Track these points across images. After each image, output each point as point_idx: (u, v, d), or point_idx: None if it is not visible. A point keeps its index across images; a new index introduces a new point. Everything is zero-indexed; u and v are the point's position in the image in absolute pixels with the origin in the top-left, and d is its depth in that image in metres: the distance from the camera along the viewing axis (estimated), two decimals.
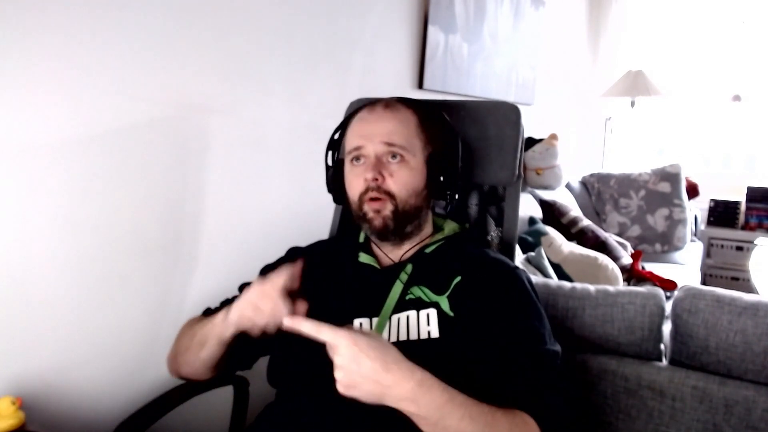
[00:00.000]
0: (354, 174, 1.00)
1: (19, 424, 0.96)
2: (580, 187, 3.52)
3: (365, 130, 0.99)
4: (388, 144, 0.97)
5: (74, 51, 1.07)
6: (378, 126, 0.98)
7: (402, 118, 1.00)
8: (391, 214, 0.97)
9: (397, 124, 0.98)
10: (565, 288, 1.32)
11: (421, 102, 1.07)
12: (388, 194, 0.97)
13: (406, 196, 0.98)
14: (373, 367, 0.73)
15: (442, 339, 0.91)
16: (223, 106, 1.41)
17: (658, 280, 2.52)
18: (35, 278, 1.06)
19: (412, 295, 0.96)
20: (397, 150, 0.97)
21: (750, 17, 3.84)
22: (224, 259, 1.46)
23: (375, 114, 1.00)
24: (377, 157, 0.97)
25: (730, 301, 1.18)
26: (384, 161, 0.97)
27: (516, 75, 3.09)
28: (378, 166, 0.97)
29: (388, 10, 2.02)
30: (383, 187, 0.97)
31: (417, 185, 0.99)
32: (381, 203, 0.97)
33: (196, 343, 0.99)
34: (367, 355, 0.73)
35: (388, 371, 0.73)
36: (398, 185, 0.97)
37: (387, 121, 0.99)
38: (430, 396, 0.75)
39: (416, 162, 0.99)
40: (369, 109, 1.02)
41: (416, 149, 0.99)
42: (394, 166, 0.97)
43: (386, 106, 1.01)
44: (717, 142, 4.20)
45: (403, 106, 1.02)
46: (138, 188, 1.23)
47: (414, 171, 0.98)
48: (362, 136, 0.99)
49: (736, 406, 1.13)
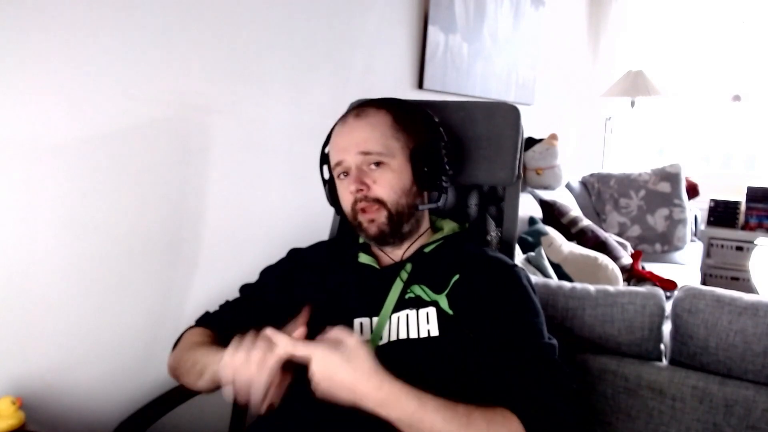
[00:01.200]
0: (342, 188, 1.02)
1: (19, 424, 0.96)
2: (580, 187, 3.52)
3: (341, 143, 1.00)
4: (365, 153, 0.97)
5: (75, 51, 1.07)
6: (352, 137, 0.99)
7: (374, 122, 1.00)
8: (386, 220, 0.98)
9: (369, 130, 0.99)
10: (565, 288, 1.32)
11: (393, 100, 1.06)
12: (378, 201, 0.98)
13: (396, 197, 0.98)
14: (344, 380, 0.77)
15: (441, 337, 0.91)
16: (223, 106, 1.41)
17: (658, 280, 2.53)
18: (35, 278, 1.07)
19: (412, 294, 0.96)
20: (374, 157, 0.97)
21: (750, 17, 3.84)
22: (224, 259, 1.46)
23: (347, 125, 1.01)
24: (357, 167, 0.98)
25: (730, 301, 1.18)
26: (365, 170, 0.98)
27: (516, 75, 3.09)
28: (360, 176, 0.97)
29: (388, 10, 2.02)
30: (370, 196, 0.97)
31: (404, 184, 0.99)
32: (373, 213, 0.98)
33: (196, 372, 0.95)
34: (339, 368, 0.77)
35: (358, 382, 0.77)
36: (385, 189, 0.98)
37: (359, 130, 0.99)
38: (399, 404, 0.78)
39: (398, 162, 0.99)
40: (342, 121, 1.03)
41: (395, 150, 0.99)
42: (376, 173, 0.98)
43: (356, 114, 1.01)
44: (717, 142, 4.20)
45: (374, 109, 1.02)
46: (138, 188, 1.23)
47: (397, 172, 0.99)
48: (340, 150, 1.00)
49: (736, 406, 1.13)
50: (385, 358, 0.90)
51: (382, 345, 0.92)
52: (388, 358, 0.90)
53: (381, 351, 0.91)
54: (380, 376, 0.78)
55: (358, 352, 0.79)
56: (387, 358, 0.90)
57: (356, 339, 0.80)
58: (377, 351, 0.91)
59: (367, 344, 0.82)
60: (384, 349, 0.91)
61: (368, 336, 0.94)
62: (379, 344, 0.92)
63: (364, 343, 0.81)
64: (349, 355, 0.78)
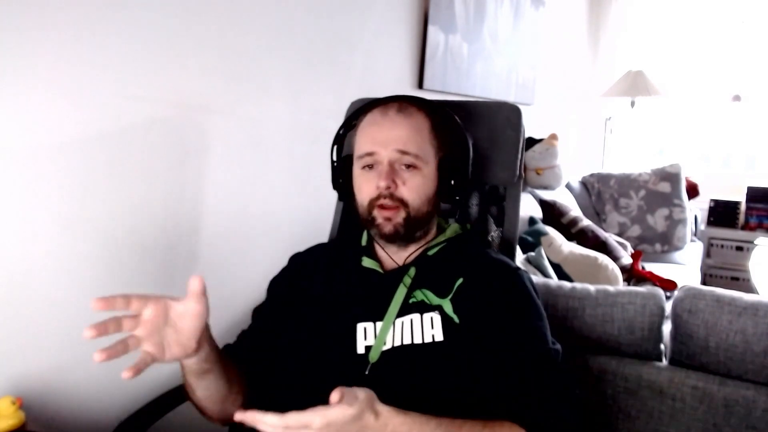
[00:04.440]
0: (365, 179, 0.98)
1: (19, 424, 0.96)
2: (580, 187, 3.52)
3: (379, 135, 0.97)
4: (402, 152, 0.95)
5: (74, 51, 1.07)
6: (392, 132, 0.96)
7: (416, 125, 0.97)
8: (403, 221, 0.96)
9: (411, 131, 0.96)
10: (565, 288, 1.32)
11: (433, 103, 1.04)
12: (401, 201, 0.95)
13: (419, 204, 0.96)
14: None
15: (446, 342, 0.90)
16: (223, 106, 1.41)
17: (658, 280, 2.53)
18: (35, 278, 1.06)
19: (416, 299, 0.95)
20: (410, 158, 0.95)
21: (750, 17, 3.84)
22: (224, 259, 1.46)
23: (388, 119, 0.97)
24: (390, 164, 0.95)
25: (730, 301, 1.18)
26: (397, 168, 0.95)
27: (516, 75, 3.09)
28: (391, 173, 0.95)
29: (388, 10, 2.02)
30: (396, 195, 0.95)
31: (429, 192, 0.98)
32: (393, 212, 0.95)
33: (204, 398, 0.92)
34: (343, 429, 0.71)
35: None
36: (411, 193, 0.95)
37: (401, 128, 0.96)
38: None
39: (429, 169, 0.97)
40: (382, 112, 0.99)
41: (429, 156, 0.97)
42: (406, 174, 0.95)
43: (400, 109, 0.98)
44: (717, 142, 4.20)
45: (416, 110, 0.99)
46: (138, 188, 1.23)
47: (426, 178, 0.97)
48: (375, 142, 0.96)
49: (736, 406, 1.13)
50: (390, 364, 0.90)
51: (386, 350, 0.91)
52: (393, 364, 0.90)
53: (385, 356, 0.91)
54: (382, 421, 0.74)
55: (360, 404, 0.72)
56: (391, 364, 0.90)
57: (350, 394, 0.73)
58: (381, 356, 0.91)
59: (365, 397, 0.74)
60: (388, 354, 0.91)
61: (372, 341, 0.93)
62: (383, 349, 0.91)
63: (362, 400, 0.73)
64: (351, 412, 0.71)
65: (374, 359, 0.91)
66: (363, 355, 0.91)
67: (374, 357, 0.91)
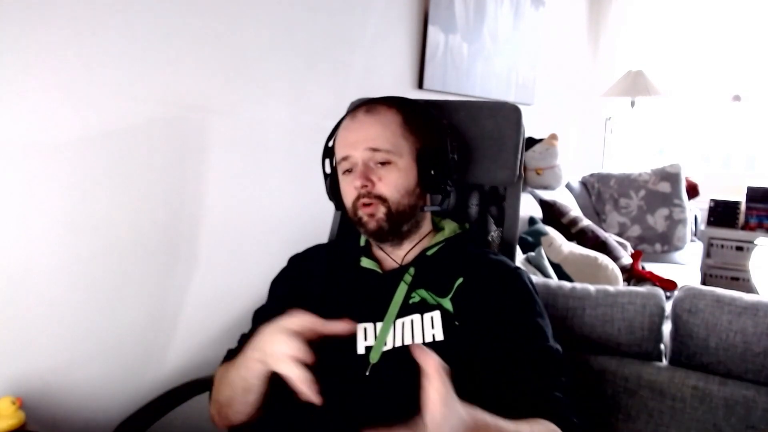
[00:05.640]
0: (346, 183, 1.01)
1: (19, 424, 0.96)
2: (580, 187, 3.52)
3: (349, 138, 1.00)
4: (373, 149, 0.97)
5: (74, 51, 1.07)
6: (361, 132, 0.98)
7: (384, 121, 0.99)
8: (385, 216, 0.97)
9: (379, 128, 0.98)
10: (565, 288, 1.32)
11: (404, 99, 1.06)
12: (380, 198, 0.97)
13: (399, 197, 0.98)
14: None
15: (447, 341, 0.90)
16: (223, 106, 1.41)
17: (658, 280, 2.53)
18: (35, 278, 1.06)
19: (416, 299, 0.95)
20: (382, 155, 0.97)
21: (750, 17, 3.84)
22: (224, 259, 1.46)
23: (357, 121, 1.00)
24: (364, 163, 0.97)
25: (730, 301, 1.18)
26: (371, 166, 0.98)
27: (516, 75, 3.09)
28: (366, 172, 0.97)
29: (388, 10, 2.02)
30: (374, 192, 0.97)
31: (408, 184, 0.99)
32: (373, 207, 0.97)
33: (240, 391, 0.92)
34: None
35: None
36: (389, 188, 0.97)
37: (369, 127, 0.98)
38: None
39: (405, 162, 0.99)
40: (351, 116, 1.02)
41: (403, 149, 0.99)
42: (382, 171, 0.97)
43: (367, 110, 1.00)
44: (717, 142, 4.20)
45: (385, 107, 1.01)
46: (138, 188, 1.23)
47: (403, 171, 0.98)
48: (347, 145, 0.99)
49: (736, 406, 1.13)
50: (390, 364, 0.90)
51: (387, 351, 0.91)
52: (393, 364, 0.90)
53: (386, 357, 0.91)
54: (470, 418, 0.74)
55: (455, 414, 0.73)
56: (392, 364, 0.90)
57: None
58: (382, 356, 0.91)
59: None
60: (389, 354, 0.91)
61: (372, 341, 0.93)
62: (384, 350, 0.91)
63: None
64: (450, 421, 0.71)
65: (375, 360, 0.91)
66: (363, 356, 0.91)
67: (375, 358, 0.91)
